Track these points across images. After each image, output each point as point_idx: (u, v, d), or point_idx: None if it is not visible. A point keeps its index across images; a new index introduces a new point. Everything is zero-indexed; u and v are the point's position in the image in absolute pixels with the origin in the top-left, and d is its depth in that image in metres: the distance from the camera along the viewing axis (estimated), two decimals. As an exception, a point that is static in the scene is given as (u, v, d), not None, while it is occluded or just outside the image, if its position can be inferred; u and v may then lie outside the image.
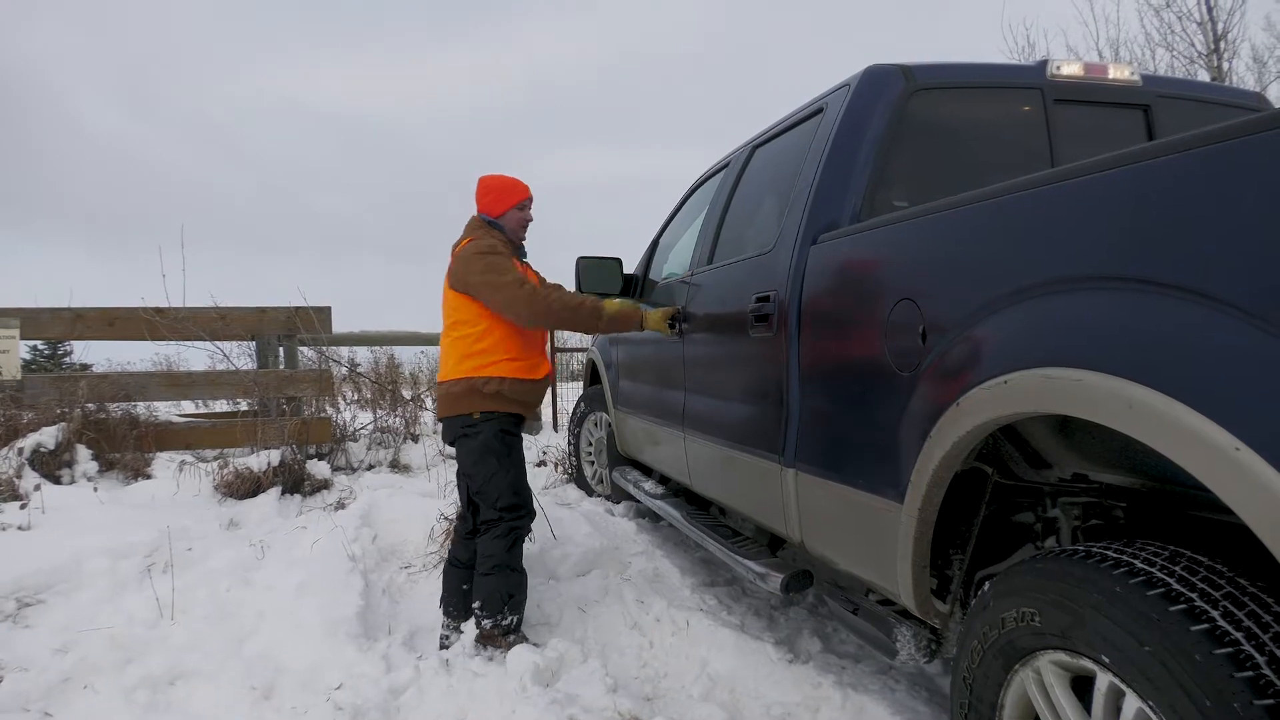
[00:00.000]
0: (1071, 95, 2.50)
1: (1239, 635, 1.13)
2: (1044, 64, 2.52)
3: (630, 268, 4.42)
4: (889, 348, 1.91)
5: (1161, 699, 1.18)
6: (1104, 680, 1.32)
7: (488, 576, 3.02)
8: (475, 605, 3.04)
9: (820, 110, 2.66)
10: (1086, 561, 1.37)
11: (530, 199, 3.32)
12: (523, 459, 3.22)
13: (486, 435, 3.05)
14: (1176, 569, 1.27)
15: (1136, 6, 10.33)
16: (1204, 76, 9.58)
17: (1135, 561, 1.31)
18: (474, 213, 3.31)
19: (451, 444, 3.20)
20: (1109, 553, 1.37)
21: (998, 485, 1.86)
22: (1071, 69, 2.52)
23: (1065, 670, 1.43)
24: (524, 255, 3.36)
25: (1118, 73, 2.58)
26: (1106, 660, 1.27)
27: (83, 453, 4.85)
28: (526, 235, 3.38)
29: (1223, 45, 9.70)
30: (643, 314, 3.35)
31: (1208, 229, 1.13)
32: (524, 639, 3.04)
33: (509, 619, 3.02)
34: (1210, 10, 9.60)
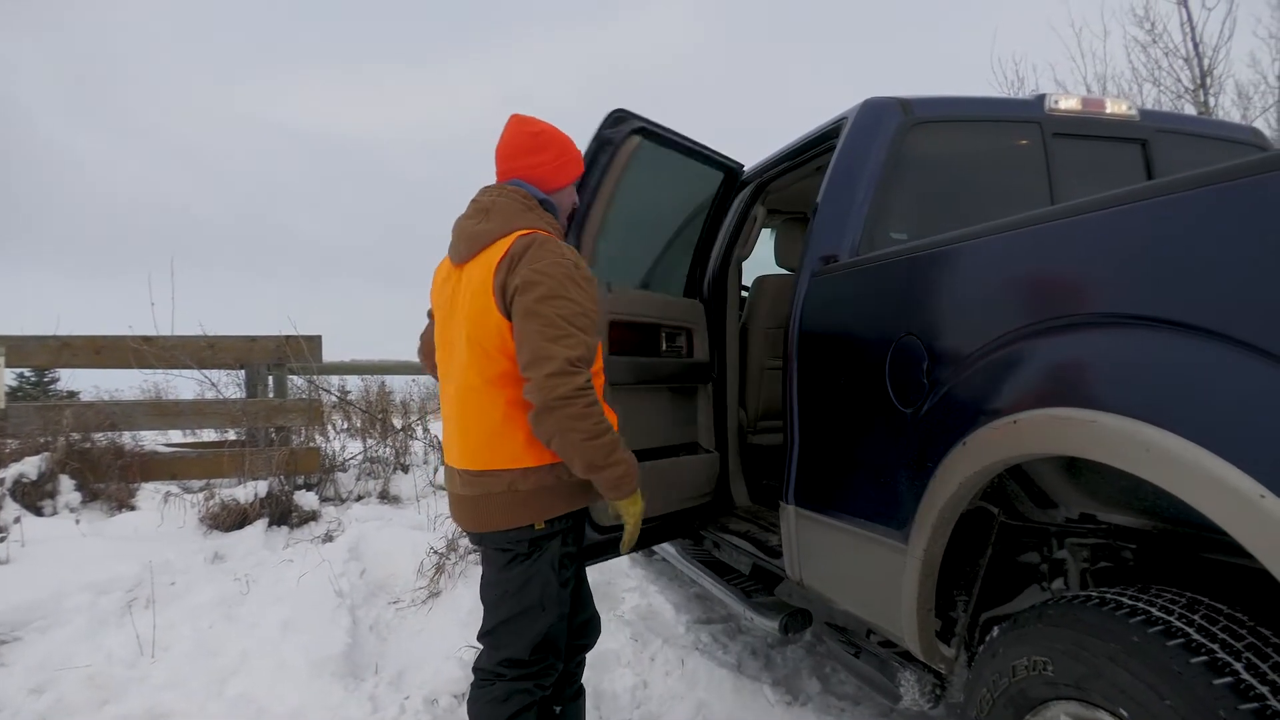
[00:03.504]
0: (1070, 129, 2.49)
1: (1265, 690, 1.09)
2: (1042, 98, 2.51)
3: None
4: (892, 384, 1.87)
5: (1185, 756, 1.13)
6: (1123, 734, 1.26)
7: None
8: None
9: (817, 143, 2.65)
10: (1101, 609, 1.33)
11: None
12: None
13: (549, 557, 1.99)
14: (1195, 618, 1.23)
15: (1124, 42, 10.45)
16: (1190, 111, 9.69)
17: (1152, 609, 1.27)
18: (512, 182, 2.08)
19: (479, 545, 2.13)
20: (1124, 600, 1.32)
21: (1002, 525, 1.81)
22: (1070, 103, 2.52)
23: (1081, 723, 1.38)
24: None
25: (1115, 107, 2.58)
26: (1125, 714, 1.22)
27: (66, 483, 4.74)
28: None
29: (1209, 81, 9.82)
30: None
31: (1230, 268, 1.10)
32: None
33: None
34: (1196, 47, 9.73)
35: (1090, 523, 1.71)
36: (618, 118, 2.65)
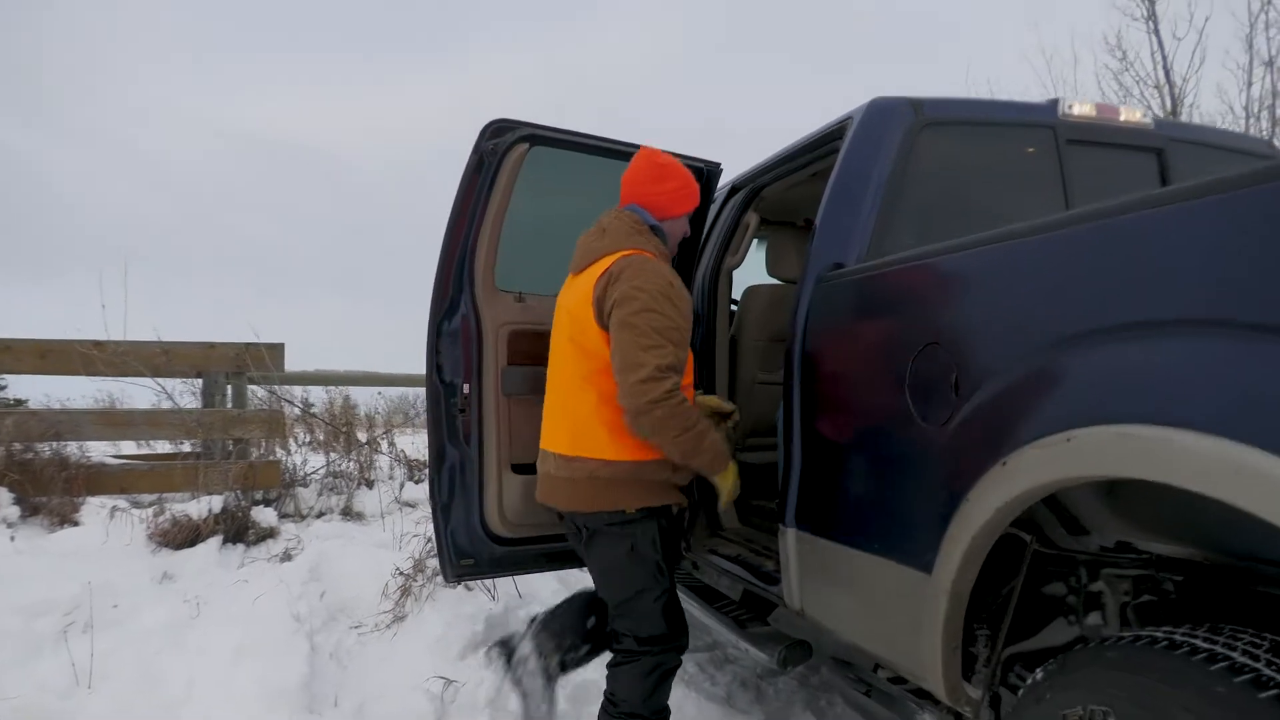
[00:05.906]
0: (1084, 136, 2.38)
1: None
2: (1055, 103, 2.41)
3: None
4: (913, 397, 1.71)
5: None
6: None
7: None
8: None
9: (821, 144, 2.51)
10: (1171, 652, 1.18)
11: None
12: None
13: (640, 539, 2.22)
14: (1285, 664, 1.08)
15: (1094, 70, 10.58)
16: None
17: (1233, 654, 1.12)
18: (629, 207, 2.34)
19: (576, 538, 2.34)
20: (1198, 642, 1.17)
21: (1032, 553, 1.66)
22: (1083, 109, 2.41)
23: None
24: None
25: (1129, 115, 2.48)
26: (1209, 776, 1.07)
27: (4, 496, 4.45)
28: None
29: (1179, 109, 9.96)
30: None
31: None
32: None
33: None
34: (1168, 74, 9.87)
35: (1129, 552, 1.57)
36: (499, 128, 2.62)
